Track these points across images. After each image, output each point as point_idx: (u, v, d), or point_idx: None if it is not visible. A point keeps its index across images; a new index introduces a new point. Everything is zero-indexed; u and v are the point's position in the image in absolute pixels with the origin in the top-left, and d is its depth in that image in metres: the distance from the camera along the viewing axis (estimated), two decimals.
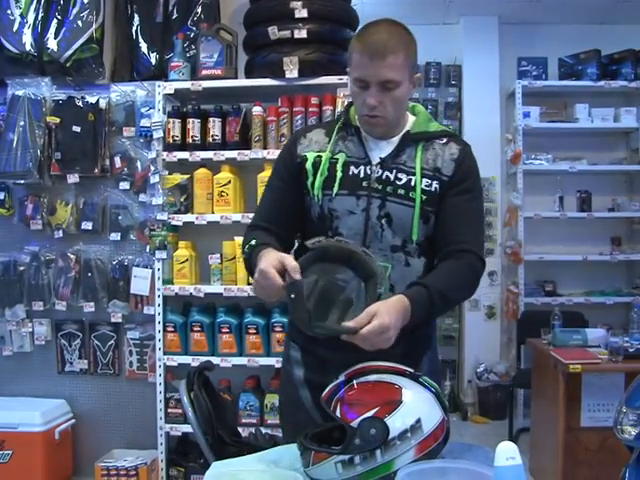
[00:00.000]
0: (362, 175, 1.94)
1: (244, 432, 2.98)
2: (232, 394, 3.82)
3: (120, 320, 4.03)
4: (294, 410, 2.08)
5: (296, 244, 2.10)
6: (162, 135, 3.87)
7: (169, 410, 3.87)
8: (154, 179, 3.86)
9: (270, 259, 1.75)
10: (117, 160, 4.03)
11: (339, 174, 1.95)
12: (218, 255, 3.83)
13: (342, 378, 1.70)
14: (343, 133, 2.01)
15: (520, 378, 5.16)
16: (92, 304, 4.01)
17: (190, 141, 3.86)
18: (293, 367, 2.09)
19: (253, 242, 1.92)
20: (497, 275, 6.05)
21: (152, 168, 3.87)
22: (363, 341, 1.68)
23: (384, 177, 1.93)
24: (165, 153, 3.86)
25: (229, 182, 3.81)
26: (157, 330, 3.87)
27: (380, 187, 1.93)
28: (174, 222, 3.87)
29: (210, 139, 3.84)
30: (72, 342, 4.13)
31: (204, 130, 3.86)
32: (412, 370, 1.71)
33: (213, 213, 3.83)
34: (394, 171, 1.94)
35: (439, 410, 1.65)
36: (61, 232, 4.03)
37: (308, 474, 1.65)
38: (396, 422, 1.57)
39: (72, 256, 4.04)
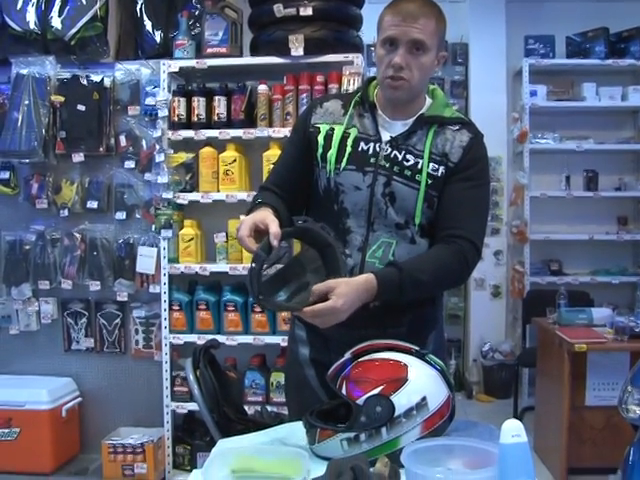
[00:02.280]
0: (371, 152, 1.94)
1: (250, 410, 2.99)
2: (238, 372, 3.83)
3: (126, 299, 4.04)
4: (300, 389, 2.09)
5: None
6: (167, 114, 3.85)
7: (175, 388, 3.89)
8: (159, 158, 3.85)
9: (259, 215, 1.80)
10: (122, 139, 4.02)
11: (349, 149, 1.94)
12: (224, 234, 3.83)
13: (348, 356, 1.71)
14: (359, 108, 2.01)
15: (525, 357, 5.17)
16: (98, 283, 4.02)
17: (195, 119, 3.84)
18: (298, 346, 2.10)
19: (259, 201, 1.95)
20: (503, 254, 6.04)
21: (157, 147, 3.86)
22: (312, 318, 1.73)
23: (392, 156, 1.93)
24: (170, 132, 3.85)
25: (234, 161, 3.80)
26: (163, 309, 3.88)
27: (387, 165, 1.92)
28: (179, 201, 3.87)
29: (215, 117, 3.83)
30: (78, 321, 4.14)
31: (209, 108, 3.85)
32: (418, 348, 1.71)
33: (218, 191, 3.83)
34: (403, 152, 1.93)
35: (445, 388, 1.66)
36: (66, 211, 4.03)
37: (314, 451, 1.66)
38: (402, 400, 1.58)
39: (78, 235, 4.04)
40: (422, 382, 1.62)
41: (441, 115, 1.98)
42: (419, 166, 1.91)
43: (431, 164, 1.91)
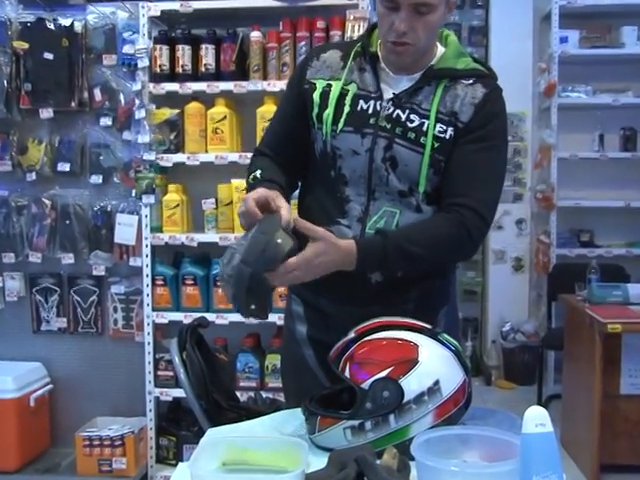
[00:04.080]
0: (371, 111, 1.93)
1: (243, 396, 3.03)
2: (229, 354, 3.86)
3: (103, 273, 4.05)
4: (297, 371, 2.12)
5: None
6: (148, 64, 3.83)
7: (159, 373, 3.92)
8: (139, 114, 3.84)
9: (273, 193, 1.82)
10: (97, 92, 4.00)
11: (347, 108, 1.93)
12: (213, 200, 3.83)
13: (352, 335, 1.72)
14: (360, 60, 1.99)
15: (551, 339, 5.20)
16: (71, 255, 4.03)
17: (180, 71, 3.83)
18: (296, 323, 2.12)
19: (258, 173, 1.96)
20: (526, 223, 6.05)
21: (137, 102, 3.84)
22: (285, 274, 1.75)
23: (394, 116, 1.91)
24: (151, 85, 3.84)
25: (224, 117, 3.79)
26: (145, 284, 3.89)
27: (389, 126, 1.91)
28: (163, 163, 3.87)
29: (202, 69, 3.81)
30: (49, 298, 4.15)
31: (196, 58, 3.83)
32: (430, 326, 1.73)
33: (207, 152, 3.82)
34: (407, 111, 1.91)
35: (460, 371, 1.67)
36: (34, 174, 4.02)
37: (314, 441, 1.68)
38: (412, 384, 1.60)
39: (47, 201, 4.03)
40: (435, 364, 1.64)
41: (453, 67, 1.95)
42: (424, 127, 1.89)
43: (438, 125, 1.89)
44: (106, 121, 3.98)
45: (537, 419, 1.31)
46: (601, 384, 3.98)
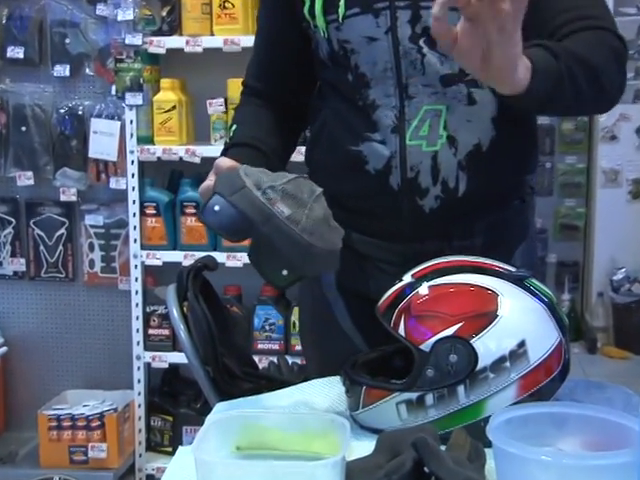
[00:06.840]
0: None
1: (262, 362, 3.07)
2: (244, 307, 3.90)
3: (74, 198, 4.09)
4: (321, 329, 2.15)
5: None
6: None
7: (150, 331, 3.99)
8: None
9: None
10: None
11: None
12: (221, 100, 3.83)
13: (409, 279, 1.73)
14: None
15: None
16: (30, 174, 4.06)
17: None
18: None
19: (233, 129, 2.06)
20: None
21: None
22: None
23: None
24: None
25: None
26: (131, 213, 3.94)
27: None
28: (152, 49, 3.88)
29: None
30: (1, 232, 4.20)
31: None
32: (513, 269, 1.73)
33: (212, 35, 3.83)
34: None
35: (554, 330, 1.67)
36: None
37: (357, 420, 1.70)
38: (489, 345, 1.61)
39: None
40: (519, 320, 1.64)
41: None
42: None
43: None
44: None
45: None
46: None
